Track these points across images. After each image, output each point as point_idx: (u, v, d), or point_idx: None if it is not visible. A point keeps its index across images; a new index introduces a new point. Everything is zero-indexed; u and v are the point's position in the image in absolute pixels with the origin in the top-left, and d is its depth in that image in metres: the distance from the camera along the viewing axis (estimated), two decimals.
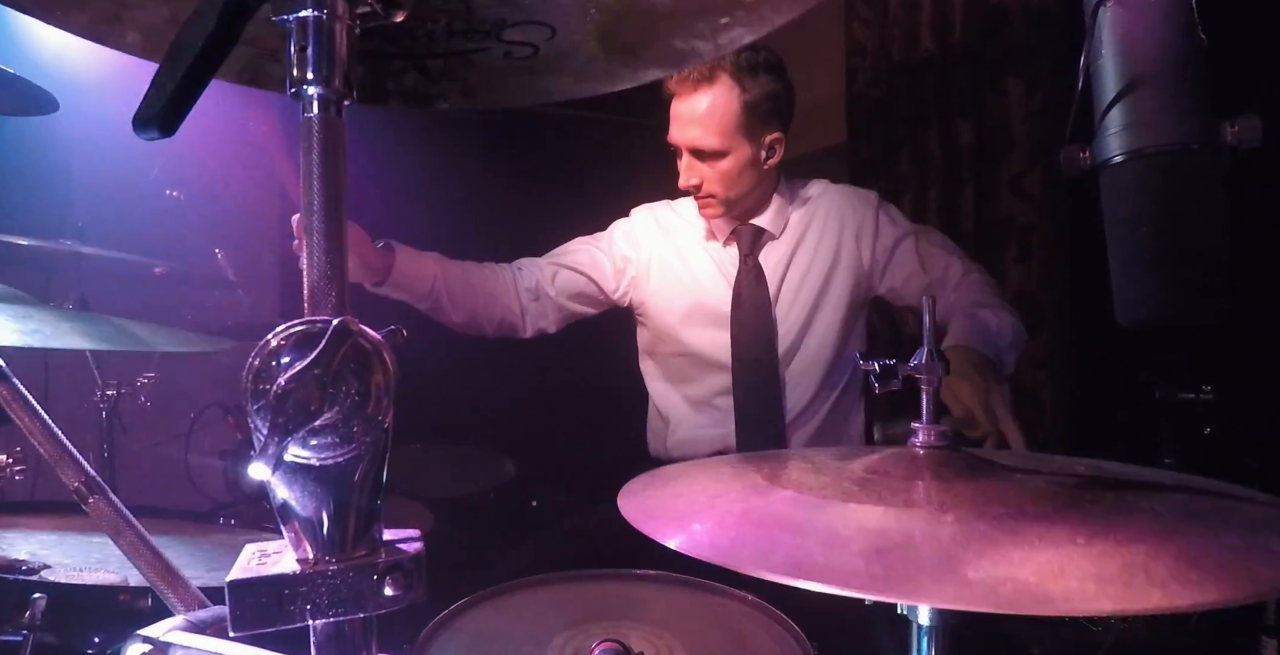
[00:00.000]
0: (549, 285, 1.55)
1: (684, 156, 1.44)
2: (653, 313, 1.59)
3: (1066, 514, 0.49)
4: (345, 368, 0.37)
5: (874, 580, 0.42)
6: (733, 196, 1.45)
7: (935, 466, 0.59)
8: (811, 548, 0.46)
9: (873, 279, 1.53)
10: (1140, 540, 0.44)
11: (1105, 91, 0.62)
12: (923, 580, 0.42)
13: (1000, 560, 0.43)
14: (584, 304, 1.60)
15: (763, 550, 0.47)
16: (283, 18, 0.41)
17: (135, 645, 0.41)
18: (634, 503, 0.61)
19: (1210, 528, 0.47)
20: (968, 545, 0.45)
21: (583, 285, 1.57)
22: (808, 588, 0.42)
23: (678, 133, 1.42)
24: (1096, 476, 0.61)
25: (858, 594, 0.41)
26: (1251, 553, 0.43)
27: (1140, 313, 0.62)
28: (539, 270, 1.55)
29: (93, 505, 0.50)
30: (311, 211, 0.40)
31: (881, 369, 0.66)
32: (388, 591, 0.40)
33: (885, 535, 0.47)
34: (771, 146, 1.45)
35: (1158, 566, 0.41)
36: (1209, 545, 0.44)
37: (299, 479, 0.39)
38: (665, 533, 0.53)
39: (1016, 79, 1.90)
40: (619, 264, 1.59)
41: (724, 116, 1.38)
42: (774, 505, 0.55)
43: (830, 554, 0.45)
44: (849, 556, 0.44)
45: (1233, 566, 0.41)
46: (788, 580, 0.43)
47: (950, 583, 0.41)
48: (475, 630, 0.87)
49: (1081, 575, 0.40)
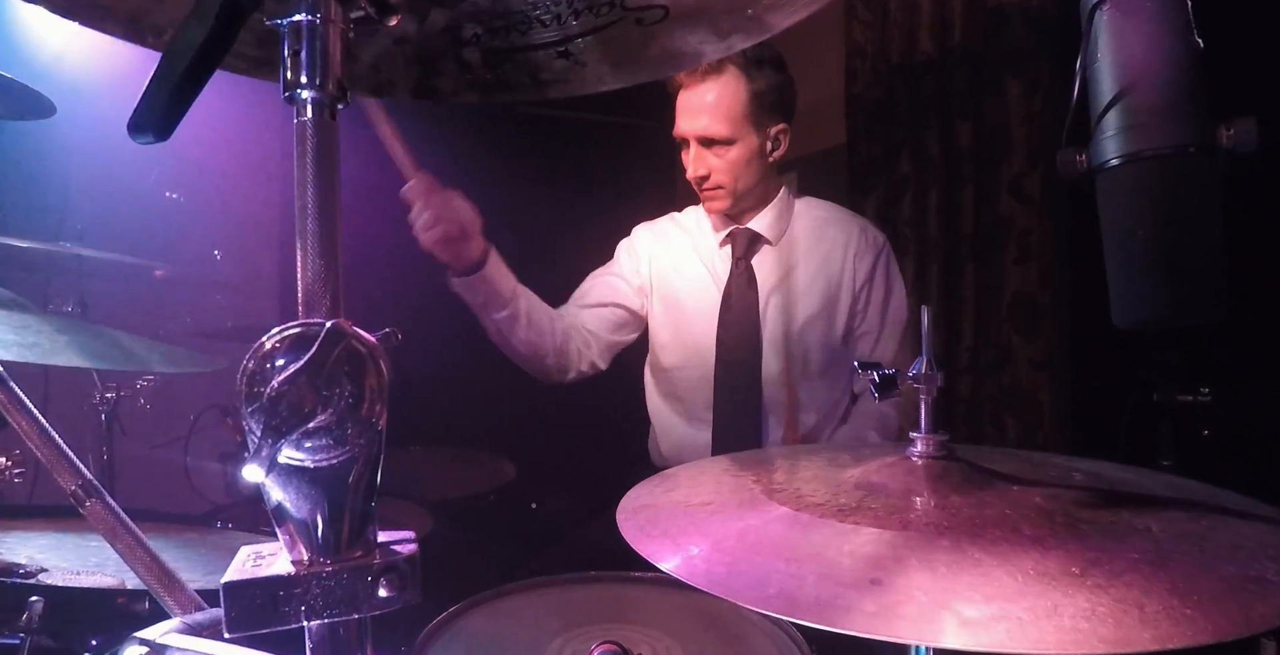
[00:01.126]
0: (588, 328, 1.55)
1: (691, 148, 1.45)
2: (652, 325, 1.61)
3: (1062, 537, 0.49)
4: (339, 370, 0.38)
5: (868, 618, 0.42)
6: (740, 188, 1.46)
7: (932, 478, 0.59)
8: (805, 578, 0.46)
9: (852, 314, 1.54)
10: (1134, 570, 0.44)
11: (1101, 94, 0.62)
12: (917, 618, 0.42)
13: (994, 595, 0.43)
14: (627, 332, 1.62)
15: (757, 582, 0.47)
16: (276, 22, 0.41)
17: (132, 648, 0.41)
18: (632, 521, 0.61)
19: (1206, 554, 0.47)
20: (962, 576, 0.45)
21: (620, 316, 1.59)
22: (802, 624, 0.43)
23: (686, 123, 1.43)
24: (1093, 488, 0.60)
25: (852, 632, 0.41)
26: (1246, 585, 0.43)
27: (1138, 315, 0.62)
28: (574, 316, 1.55)
29: (90, 508, 0.50)
30: (305, 214, 0.40)
31: (881, 379, 0.65)
32: (382, 593, 0.40)
33: (880, 564, 0.47)
34: (777, 138, 1.47)
35: (1150, 601, 0.41)
36: (1203, 576, 0.43)
37: (293, 481, 0.39)
38: (662, 555, 0.53)
39: (1015, 81, 1.91)
40: (634, 282, 1.61)
41: (732, 105, 1.40)
42: (770, 526, 0.55)
43: (824, 586, 0.45)
44: (843, 589, 0.45)
45: (1227, 602, 0.41)
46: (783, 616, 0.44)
47: (944, 622, 0.41)
48: (474, 633, 0.87)
49: (1074, 613, 0.40)
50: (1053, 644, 0.38)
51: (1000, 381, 1.96)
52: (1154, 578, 0.43)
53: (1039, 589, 0.43)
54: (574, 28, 0.60)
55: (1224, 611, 0.40)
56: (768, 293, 1.50)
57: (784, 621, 0.86)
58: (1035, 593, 0.42)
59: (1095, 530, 0.50)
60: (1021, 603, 0.42)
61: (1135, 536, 0.49)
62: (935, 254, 2.06)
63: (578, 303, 1.59)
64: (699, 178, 1.45)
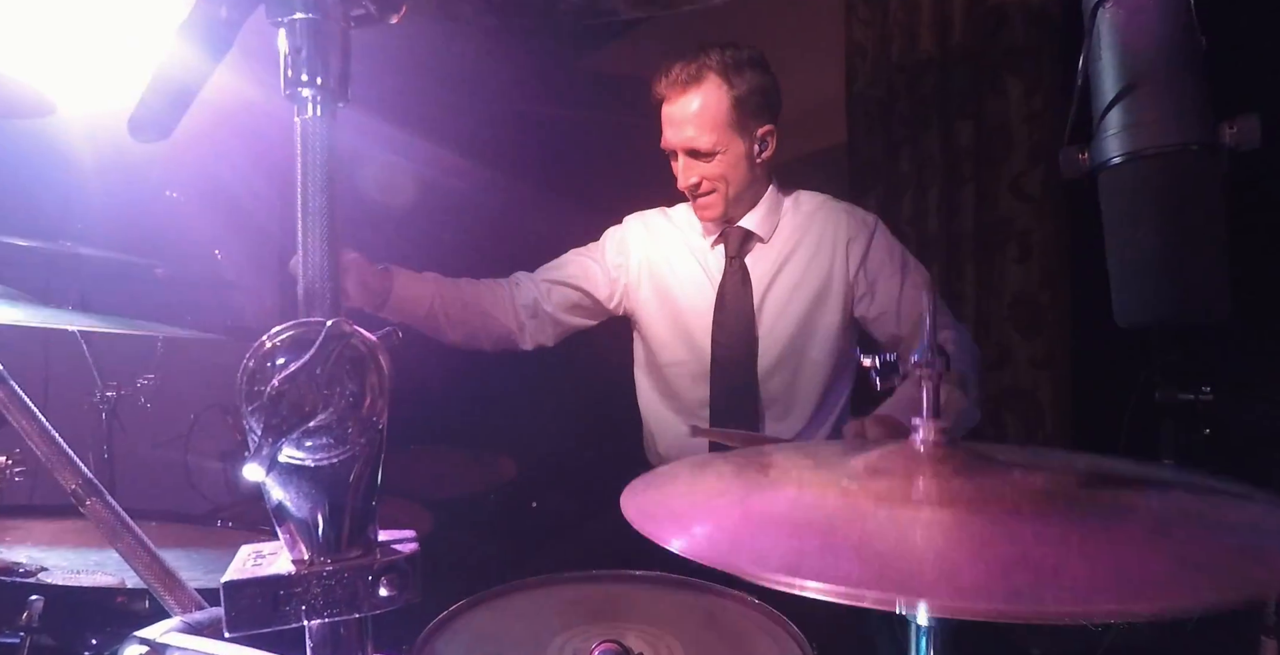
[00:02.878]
0: (545, 301, 1.56)
1: (679, 158, 1.45)
2: (644, 321, 1.60)
3: (1063, 512, 0.49)
4: (340, 369, 0.37)
5: (870, 583, 0.41)
6: (732, 193, 1.46)
7: (935, 462, 0.59)
8: (809, 550, 0.46)
9: (852, 300, 1.52)
10: (1136, 540, 0.44)
11: (1104, 93, 0.62)
12: (919, 583, 0.41)
13: (995, 562, 0.43)
14: (581, 316, 1.61)
15: (760, 553, 0.47)
16: (277, 19, 0.41)
17: (132, 647, 0.41)
18: (636, 503, 0.61)
19: (1206, 526, 0.47)
20: (964, 546, 0.45)
21: (577, 299, 1.59)
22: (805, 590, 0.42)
23: (672, 135, 1.43)
24: (1094, 472, 0.60)
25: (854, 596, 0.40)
26: (1245, 553, 0.43)
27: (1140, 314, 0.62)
28: (534, 286, 1.56)
29: (90, 507, 0.50)
30: (306, 213, 0.40)
31: (883, 365, 0.65)
32: (383, 592, 0.40)
33: (883, 536, 0.47)
34: (764, 139, 1.46)
35: (1152, 568, 0.40)
36: (1203, 546, 0.44)
37: (294, 480, 0.39)
38: (667, 535, 0.53)
39: (1016, 79, 1.90)
40: (612, 273, 1.59)
41: (715, 114, 1.39)
42: (774, 505, 0.55)
43: (827, 556, 0.45)
44: (846, 558, 0.44)
45: (1226, 568, 0.41)
46: (785, 582, 0.43)
47: (946, 586, 0.41)
48: (475, 631, 0.87)
49: (1075, 579, 0.40)
50: (1054, 607, 0.38)
51: (1000, 380, 1.96)
52: (1156, 546, 0.43)
53: (1039, 555, 0.43)
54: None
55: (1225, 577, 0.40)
56: (762, 290, 1.50)
57: (785, 620, 0.86)
58: (1037, 560, 0.42)
59: (1097, 507, 0.50)
60: (1023, 570, 0.42)
61: (1137, 512, 0.49)
62: (936, 253, 2.05)
63: (545, 274, 1.59)
64: (691, 186, 1.45)
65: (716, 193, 1.45)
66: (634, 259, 1.59)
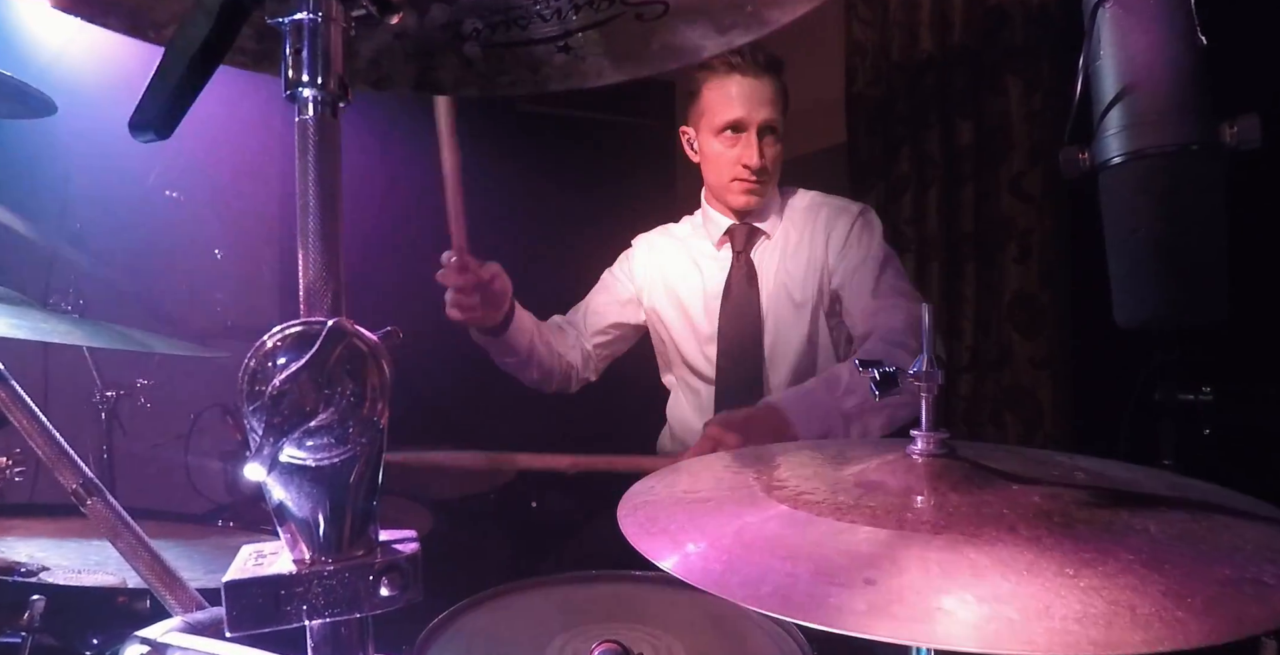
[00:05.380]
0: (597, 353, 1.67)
1: (751, 136, 1.46)
2: (657, 328, 1.67)
3: (1059, 537, 0.49)
4: (341, 369, 0.37)
5: (860, 617, 0.42)
6: (774, 182, 1.54)
7: (932, 477, 0.59)
8: (801, 577, 0.46)
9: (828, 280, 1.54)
10: (1129, 571, 0.44)
11: (1104, 92, 0.62)
12: (909, 617, 0.42)
13: (987, 594, 0.43)
14: (624, 345, 1.73)
15: (753, 580, 0.47)
16: (278, 20, 0.41)
17: (133, 646, 0.41)
18: (633, 518, 0.61)
19: (1202, 555, 0.47)
20: (957, 575, 0.45)
21: (619, 334, 1.70)
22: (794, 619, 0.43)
23: (748, 111, 1.45)
24: (1094, 487, 0.60)
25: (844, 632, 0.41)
26: (1241, 587, 0.42)
27: (1140, 314, 0.62)
28: (584, 334, 1.66)
29: (91, 507, 0.50)
30: (307, 213, 0.40)
31: (881, 376, 0.65)
32: (384, 592, 0.40)
33: (874, 563, 0.47)
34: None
35: (1143, 603, 0.41)
36: (1198, 579, 0.43)
37: (295, 480, 0.39)
38: (661, 553, 0.53)
39: (1016, 79, 1.90)
40: (627, 295, 1.68)
41: (779, 100, 1.48)
42: (767, 525, 0.55)
43: (818, 585, 0.45)
44: (837, 589, 0.44)
45: (1220, 604, 0.41)
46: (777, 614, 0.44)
47: (937, 620, 0.41)
48: (474, 631, 0.87)
49: (1065, 614, 0.40)
50: (1043, 645, 0.39)
51: (1000, 380, 1.96)
52: (1148, 580, 0.43)
53: (1032, 590, 0.43)
54: (574, 22, 0.60)
55: (1217, 614, 0.40)
56: (767, 284, 1.55)
57: (786, 621, 0.86)
58: (1028, 594, 0.42)
59: (1092, 531, 0.50)
60: (1014, 603, 0.42)
61: (1132, 537, 0.49)
62: (935, 252, 2.06)
63: (585, 331, 1.68)
64: (758, 168, 1.47)
65: (769, 177, 1.50)
66: (639, 277, 1.68)
